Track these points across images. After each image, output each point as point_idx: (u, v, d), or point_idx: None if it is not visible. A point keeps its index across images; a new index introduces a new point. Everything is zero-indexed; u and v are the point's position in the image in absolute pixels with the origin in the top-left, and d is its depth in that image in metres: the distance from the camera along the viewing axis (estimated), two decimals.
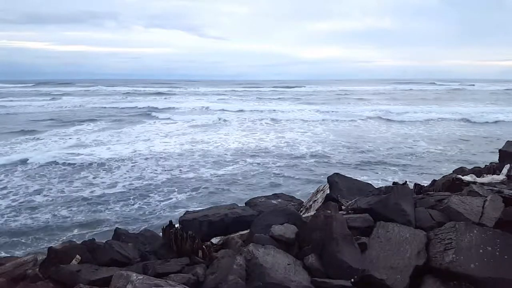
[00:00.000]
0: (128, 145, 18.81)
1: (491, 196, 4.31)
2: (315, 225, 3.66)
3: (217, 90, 79.78)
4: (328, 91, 75.94)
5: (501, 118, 29.94)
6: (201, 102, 47.33)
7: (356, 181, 6.34)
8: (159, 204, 10.77)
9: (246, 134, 22.86)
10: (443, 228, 3.62)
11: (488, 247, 3.24)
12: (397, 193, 4.15)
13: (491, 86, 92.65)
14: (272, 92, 74.08)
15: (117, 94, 64.51)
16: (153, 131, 24.12)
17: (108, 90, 78.05)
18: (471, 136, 22.33)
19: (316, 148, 18.33)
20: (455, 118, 30.32)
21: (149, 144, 19.25)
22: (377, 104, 44.40)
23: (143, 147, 18.20)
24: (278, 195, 6.35)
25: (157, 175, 13.59)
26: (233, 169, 14.35)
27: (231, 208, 5.25)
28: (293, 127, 25.61)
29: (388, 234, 3.63)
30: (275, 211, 4.43)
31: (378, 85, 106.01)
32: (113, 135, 22.39)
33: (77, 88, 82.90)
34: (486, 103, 46.06)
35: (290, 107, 40.33)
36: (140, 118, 31.61)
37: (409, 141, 20.29)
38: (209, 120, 29.73)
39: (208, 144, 19.26)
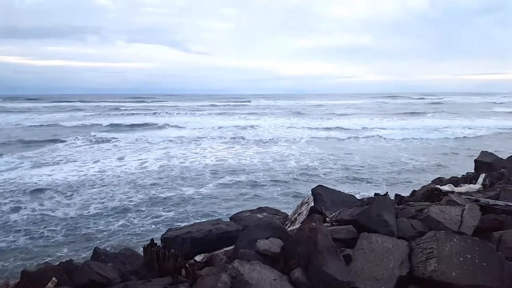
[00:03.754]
0: (89, 165, 17.98)
1: (468, 205, 4.43)
2: (300, 238, 3.68)
3: (199, 104, 79.52)
4: (313, 105, 76.86)
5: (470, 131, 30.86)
6: (184, 117, 47.11)
7: (340, 192, 6.42)
8: (139, 222, 10.51)
9: (227, 148, 22.75)
10: (424, 237, 3.69)
11: (468, 255, 3.32)
12: (379, 204, 4.22)
13: (467, 99, 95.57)
14: (256, 106, 74.49)
15: (85, 110, 62.32)
16: (123, 147, 23.62)
17: (80, 105, 75.93)
18: (448, 148, 22.92)
19: (303, 162, 18.40)
20: (430, 130, 31.13)
21: (117, 163, 18.50)
22: (357, 118, 45.22)
23: (112, 166, 17.62)
24: (263, 208, 6.35)
25: (133, 193, 13.17)
26: (214, 186, 14.14)
27: (215, 223, 5.20)
28: (276, 141, 25.68)
29: (371, 245, 3.68)
30: (260, 225, 4.42)
31: (359, 99, 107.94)
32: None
33: (43, 104, 79.40)
34: (461, 115, 47.42)
35: (273, 122, 40.60)
36: (106, 134, 29.73)
37: (388, 153, 20.67)
38: (188, 135, 29.23)
39: (185, 160, 18.88)
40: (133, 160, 19.01)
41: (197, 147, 23.44)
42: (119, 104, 78.36)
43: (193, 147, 23.48)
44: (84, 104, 79.01)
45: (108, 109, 63.59)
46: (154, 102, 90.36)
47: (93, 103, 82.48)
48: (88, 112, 57.25)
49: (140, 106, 74.42)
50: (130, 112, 56.10)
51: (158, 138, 27.67)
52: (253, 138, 27.24)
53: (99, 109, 64.92)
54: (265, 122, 41.00)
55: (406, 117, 46.40)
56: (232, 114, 53.91)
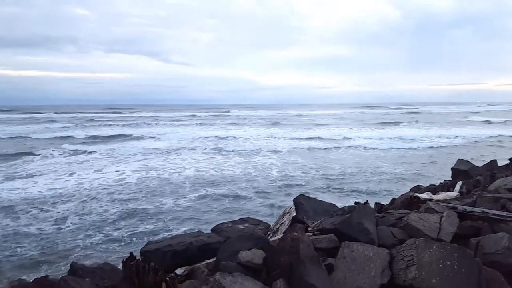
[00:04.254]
0: (66, 177, 17.43)
1: (446, 212, 4.52)
2: (282, 249, 3.66)
3: (179, 115, 79.00)
4: (294, 116, 77.55)
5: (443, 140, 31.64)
6: (163, 128, 46.63)
7: (321, 202, 6.43)
8: (118, 236, 10.26)
9: (208, 158, 22.60)
10: (405, 245, 3.74)
11: (447, 262, 3.37)
12: (359, 213, 4.25)
13: (442, 109, 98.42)
14: (237, 116, 74.61)
15: (60, 121, 60.38)
16: (98, 159, 23.22)
17: (55, 116, 74.03)
18: (425, 156, 23.46)
19: (285, 172, 18.43)
20: (408, 139, 31.82)
21: (94, 175, 17.98)
22: (337, 128, 45.84)
23: (89, 178, 17.12)
24: (245, 219, 6.29)
25: (111, 206, 12.86)
26: (195, 197, 13.96)
27: (196, 235, 5.12)
28: (257, 151, 25.68)
29: (353, 253, 3.69)
30: (242, 236, 4.37)
31: (338, 109, 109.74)
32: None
33: (17, 115, 76.87)
34: (437, 125, 48.68)
35: (254, 132, 40.68)
36: (80, 146, 29.08)
37: (368, 162, 20.97)
38: (167, 146, 28.83)
39: (165, 172, 18.58)
40: (110, 172, 18.60)
41: (176, 158, 23.17)
42: (96, 115, 77.16)
43: (173, 158, 23.20)
44: (60, 116, 77.33)
45: (84, 120, 62.37)
46: (133, 113, 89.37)
47: (69, 114, 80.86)
48: (64, 123, 55.91)
49: (118, 117, 73.56)
50: (107, 123, 55.17)
51: (136, 149, 27.25)
52: (234, 148, 27.16)
53: (76, 120, 63.56)
54: (245, 132, 41.07)
55: (384, 126, 47.34)
56: (212, 124, 53.85)
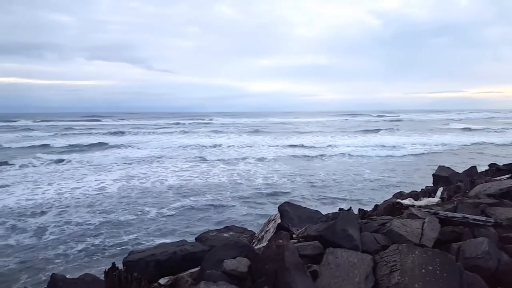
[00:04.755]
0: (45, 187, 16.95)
1: (428, 218, 4.59)
2: (267, 256, 3.65)
3: (162, 122, 78.34)
4: (278, 123, 77.87)
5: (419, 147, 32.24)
6: (146, 136, 46.16)
7: (306, 209, 6.46)
8: (99, 246, 10.06)
9: (191, 167, 22.45)
10: (388, 251, 3.77)
11: (429, 267, 3.42)
12: (343, 219, 4.28)
13: (423, 117, 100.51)
14: (221, 124, 74.50)
15: (39, 129, 58.85)
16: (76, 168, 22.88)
17: (33, 124, 72.24)
18: (407, 163, 23.84)
19: (270, 179, 18.44)
20: (390, 146, 32.33)
21: (74, 185, 17.57)
22: (321, 135, 46.22)
23: (68, 188, 16.70)
24: (229, 227, 6.26)
25: (92, 216, 12.57)
26: (178, 206, 13.80)
27: (180, 245, 5.06)
28: (242, 159, 25.64)
29: (337, 260, 3.71)
30: (227, 244, 4.35)
31: (321, 117, 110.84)
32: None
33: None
34: (418, 132, 49.62)
35: (238, 139, 40.65)
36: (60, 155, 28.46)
37: (352, 169, 21.19)
38: (149, 154, 28.48)
39: (147, 181, 18.33)
40: (90, 181, 18.22)
41: (159, 166, 22.89)
42: (76, 123, 75.85)
43: (155, 166, 22.91)
44: (38, 124, 75.61)
45: (63, 129, 60.99)
46: (115, 121, 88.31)
47: (47, 122, 79.07)
48: (41, 131, 54.42)
49: (99, 125, 72.49)
50: (87, 131, 54.04)
51: (117, 158, 26.82)
52: (218, 156, 27.07)
53: (54, 128, 62.02)
54: (229, 140, 41.00)
55: (367, 134, 47.97)
56: (196, 132, 53.61)
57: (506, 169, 8.87)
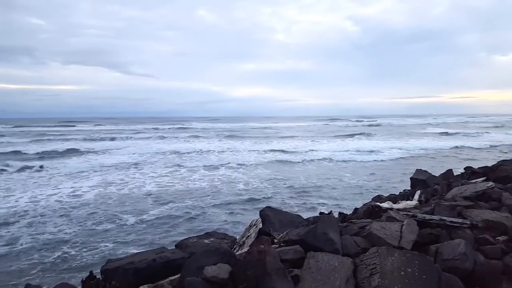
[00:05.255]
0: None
1: (407, 221, 4.65)
2: (249, 262, 3.63)
3: (140, 127, 77.21)
4: (259, 128, 78.01)
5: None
6: (124, 141, 45.36)
7: (287, 213, 6.47)
8: (76, 255, 9.78)
9: (170, 172, 22.20)
10: (368, 253, 3.80)
11: (409, 269, 3.46)
12: (324, 223, 4.29)
13: (401, 121, 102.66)
14: (202, 129, 74.06)
15: (12, 135, 56.77)
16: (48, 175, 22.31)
17: (3, 130, 69.79)
18: (386, 167, 24.25)
19: (251, 184, 18.40)
20: (369, 151, 32.86)
21: (49, 192, 17.04)
22: (302, 140, 46.57)
23: (43, 195, 16.22)
24: (210, 233, 6.20)
25: (68, 224, 12.23)
26: (157, 212, 13.57)
27: (159, 252, 4.96)
28: (223, 164, 25.50)
29: (318, 264, 3.71)
30: (208, 251, 4.30)
31: (302, 122, 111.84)
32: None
33: None
34: (396, 136, 50.59)
35: (219, 144, 40.49)
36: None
37: (332, 173, 21.38)
38: (127, 160, 28.01)
39: (124, 187, 17.98)
40: (66, 188, 17.73)
41: (137, 172, 22.49)
42: (51, 129, 73.98)
43: (133, 172, 22.51)
44: (9, 129, 73.28)
45: (37, 134, 59.12)
46: (92, 126, 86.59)
47: (19, 128, 76.81)
48: (14, 138, 52.67)
49: (76, 130, 70.90)
50: (64, 137, 52.50)
51: (94, 164, 26.27)
52: (199, 162, 26.90)
53: (28, 134, 60.16)
54: (209, 145, 40.81)
55: (347, 138, 48.64)
56: (175, 137, 53.06)
57: (481, 172, 9.11)
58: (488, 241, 4.32)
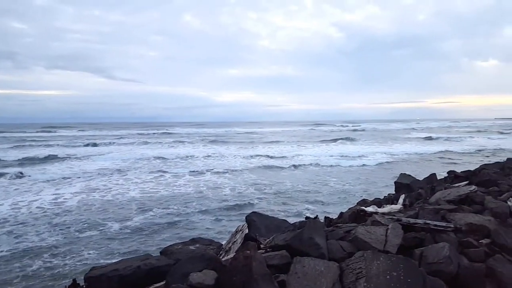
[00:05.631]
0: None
1: (391, 225, 4.69)
2: (235, 268, 3.60)
3: (125, 133, 76.28)
4: (245, 133, 77.97)
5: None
6: (107, 147, 44.68)
7: (273, 218, 6.45)
8: (59, 263, 9.55)
9: (155, 178, 21.94)
10: (353, 258, 3.82)
11: (394, 273, 3.48)
12: (310, 228, 4.30)
13: (385, 126, 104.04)
14: (187, 134, 73.61)
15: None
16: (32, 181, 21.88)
17: None
18: (370, 171, 24.50)
19: (237, 189, 18.34)
20: (354, 155, 33.18)
21: (30, 199, 16.64)
22: (288, 145, 46.78)
23: (24, 203, 15.82)
24: (196, 239, 6.13)
25: (50, 232, 11.95)
26: (142, 219, 13.38)
27: (144, 259, 4.89)
28: (209, 169, 25.35)
29: (304, 269, 3.70)
30: (193, 257, 4.25)
31: (288, 127, 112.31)
32: None
33: None
34: (381, 141, 51.24)
35: (205, 149, 40.29)
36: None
37: (317, 178, 21.49)
38: (111, 166, 27.54)
39: (108, 193, 17.65)
40: (48, 195, 17.34)
41: (121, 178, 22.13)
42: (34, 135, 72.50)
43: (116, 178, 22.16)
44: None
45: (20, 140, 57.65)
46: (75, 132, 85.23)
47: (3, 134, 74.78)
48: None
49: (58, 136, 69.61)
50: (46, 143, 51.31)
51: (77, 170, 25.79)
52: (184, 167, 26.70)
53: (8, 140, 58.53)
54: (194, 150, 40.59)
55: (332, 143, 49.02)
56: (160, 142, 52.61)
57: (463, 176, 9.29)
58: (472, 244, 4.39)
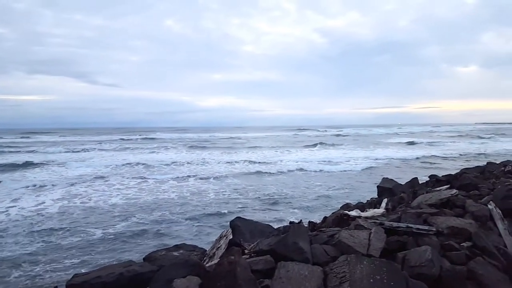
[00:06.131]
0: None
1: (374, 228, 4.74)
2: (219, 274, 3.58)
3: (106, 138, 74.98)
4: (229, 138, 77.73)
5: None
6: (88, 153, 43.88)
7: (257, 223, 6.45)
8: (39, 271, 9.29)
9: (138, 184, 21.67)
10: (337, 262, 3.84)
11: (377, 276, 3.52)
12: (294, 232, 4.31)
13: (367, 131, 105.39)
14: (170, 139, 72.94)
15: None
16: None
17: None
18: (354, 175, 24.75)
19: (222, 194, 18.23)
20: (338, 160, 33.49)
21: (9, 205, 16.20)
22: (272, 150, 46.84)
23: (1, 210, 15.36)
24: (179, 246, 6.07)
25: (30, 240, 11.62)
26: (124, 225, 13.17)
27: (127, 265, 4.82)
28: (192, 175, 25.14)
29: (288, 273, 3.71)
30: (177, 263, 4.22)
31: (272, 132, 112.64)
32: None
33: None
34: (363, 146, 51.86)
35: (189, 155, 40.01)
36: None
37: (302, 183, 21.58)
38: (92, 172, 27.02)
39: (90, 200, 17.27)
40: (28, 202, 16.89)
41: (102, 184, 21.71)
42: (14, 140, 70.73)
43: (98, 184, 21.74)
44: None
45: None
46: (56, 137, 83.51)
47: None
48: None
49: (39, 142, 67.89)
50: (26, 149, 49.98)
51: (57, 176, 25.20)
52: (167, 173, 26.43)
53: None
54: (178, 155, 40.22)
55: (315, 148, 49.30)
56: (142, 148, 51.95)
57: (445, 180, 9.47)
58: (453, 247, 4.46)
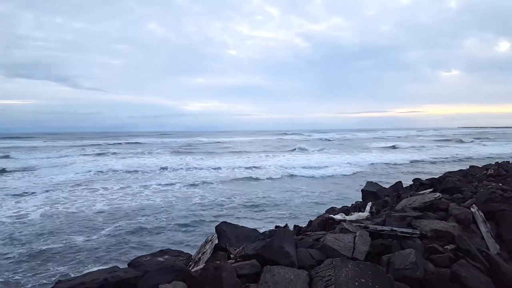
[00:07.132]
0: None
1: (359, 232, 4.79)
2: (204, 279, 3.56)
3: (88, 143, 73.84)
4: (214, 142, 77.43)
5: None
6: (70, 158, 43.11)
7: (243, 228, 6.43)
8: (22, 280, 9.06)
9: (121, 189, 21.39)
10: (322, 265, 3.86)
11: (362, 279, 3.55)
12: (280, 236, 4.32)
13: (352, 135, 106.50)
14: (154, 144, 72.25)
15: None
16: None
17: None
18: (338, 179, 24.95)
19: (207, 199, 18.15)
20: (323, 164, 33.72)
21: None
22: (256, 154, 46.87)
23: None
24: (164, 251, 6.01)
25: (11, 248, 11.37)
26: (109, 231, 12.98)
27: (111, 271, 4.74)
28: (178, 179, 24.96)
29: (274, 277, 3.71)
30: (162, 269, 4.18)
31: (256, 136, 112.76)
32: None
33: None
34: (348, 150, 52.36)
35: (173, 160, 39.67)
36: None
37: (287, 187, 21.64)
38: (74, 177, 26.55)
39: (72, 206, 16.98)
40: (8, 209, 16.51)
41: (85, 190, 21.34)
42: None
43: (81, 190, 21.36)
44: None
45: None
46: (37, 142, 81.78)
47: None
48: None
49: (19, 147, 66.25)
50: (5, 154, 48.94)
51: (39, 182, 24.65)
52: (151, 177, 26.20)
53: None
54: (161, 160, 39.79)
55: (299, 153, 49.52)
56: (125, 152, 51.23)
57: (428, 184, 9.63)
58: (437, 250, 4.52)
